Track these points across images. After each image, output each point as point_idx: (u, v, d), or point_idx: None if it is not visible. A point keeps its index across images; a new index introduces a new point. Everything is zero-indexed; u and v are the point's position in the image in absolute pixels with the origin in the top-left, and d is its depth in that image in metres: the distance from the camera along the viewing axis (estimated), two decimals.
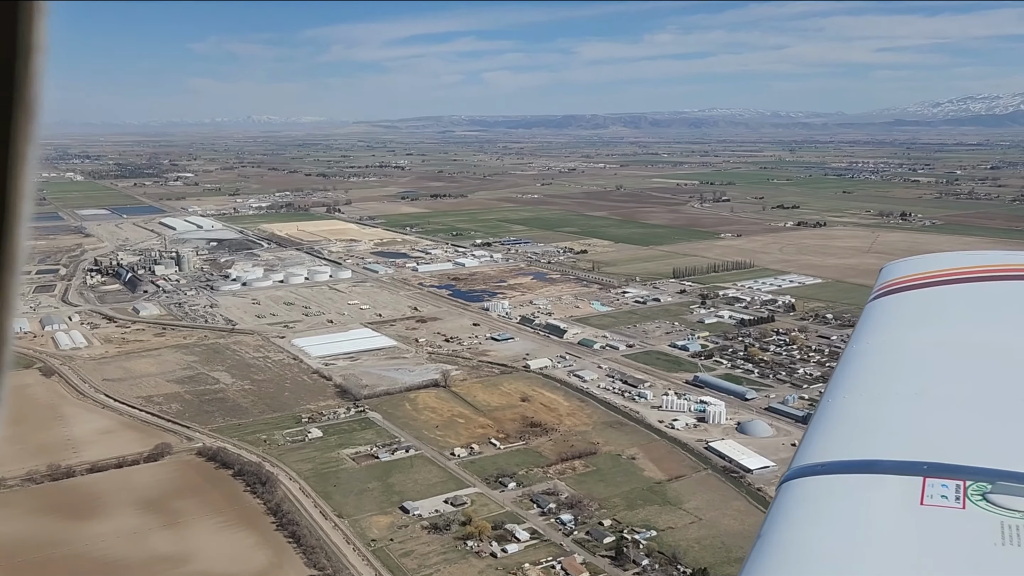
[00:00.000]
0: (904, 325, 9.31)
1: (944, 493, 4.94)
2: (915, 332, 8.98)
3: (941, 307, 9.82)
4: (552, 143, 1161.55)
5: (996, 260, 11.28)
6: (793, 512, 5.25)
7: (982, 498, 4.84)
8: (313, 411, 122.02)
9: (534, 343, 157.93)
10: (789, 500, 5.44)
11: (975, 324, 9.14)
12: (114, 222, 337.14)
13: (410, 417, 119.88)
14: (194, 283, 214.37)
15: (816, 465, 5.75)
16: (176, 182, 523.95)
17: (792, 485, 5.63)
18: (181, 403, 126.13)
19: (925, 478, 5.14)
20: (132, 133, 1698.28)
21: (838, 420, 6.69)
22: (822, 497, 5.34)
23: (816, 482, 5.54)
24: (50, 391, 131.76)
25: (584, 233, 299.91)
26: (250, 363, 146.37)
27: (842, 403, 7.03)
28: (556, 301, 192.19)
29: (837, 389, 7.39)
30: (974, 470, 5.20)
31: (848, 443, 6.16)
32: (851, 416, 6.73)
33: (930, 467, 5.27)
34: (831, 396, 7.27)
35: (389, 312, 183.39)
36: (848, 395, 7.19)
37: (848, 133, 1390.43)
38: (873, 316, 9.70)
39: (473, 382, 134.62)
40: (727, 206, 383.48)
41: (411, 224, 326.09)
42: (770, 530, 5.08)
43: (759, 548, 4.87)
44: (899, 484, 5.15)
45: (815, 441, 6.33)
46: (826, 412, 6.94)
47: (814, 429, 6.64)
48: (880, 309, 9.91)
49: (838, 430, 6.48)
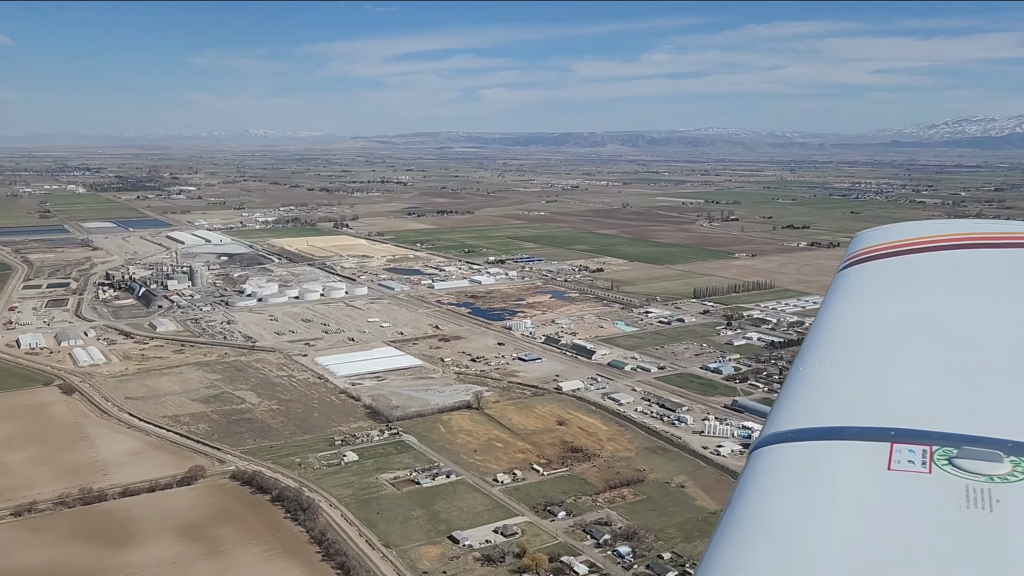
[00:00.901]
0: (874, 293, 9.23)
1: (911, 458, 5.01)
2: (884, 300, 8.94)
3: (911, 275, 9.79)
4: (551, 160, 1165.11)
5: (966, 229, 11.14)
6: (763, 479, 5.27)
7: (948, 463, 4.92)
8: (345, 433, 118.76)
9: (562, 364, 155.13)
10: (759, 467, 5.42)
11: (944, 292, 9.09)
12: (121, 235, 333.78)
13: (446, 440, 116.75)
14: (208, 298, 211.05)
15: (786, 432, 5.73)
16: (179, 195, 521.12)
17: (762, 452, 5.59)
18: (209, 423, 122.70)
19: (892, 444, 5.18)
20: (130, 146, 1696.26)
21: (807, 388, 6.64)
22: (791, 464, 5.36)
23: (785, 449, 5.53)
24: (72, 409, 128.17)
25: (596, 251, 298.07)
26: (275, 382, 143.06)
27: (811, 371, 6.98)
28: (579, 320, 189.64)
29: (807, 357, 7.35)
30: (940, 435, 5.26)
31: (817, 411, 6.12)
32: (820, 384, 6.71)
33: (897, 433, 5.32)
34: (801, 364, 7.22)
35: (410, 330, 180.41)
36: (817, 363, 7.14)
37: (845, 153, 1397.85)
38: (844, 285, 9.60)
39: (506, 404, 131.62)
40: (736, 225, 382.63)
41: (421, 240, 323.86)
42: (740, 497, 5.08)
43: (729, 515, 4.90)
44: (867, 450, 5.19)
45: (785, 409, 6.25)
46: (796, 380, 6.86)
47: (784, 397, 6.57)
48: (851, 277, 9.83)
49: (807, 398, 6.43)
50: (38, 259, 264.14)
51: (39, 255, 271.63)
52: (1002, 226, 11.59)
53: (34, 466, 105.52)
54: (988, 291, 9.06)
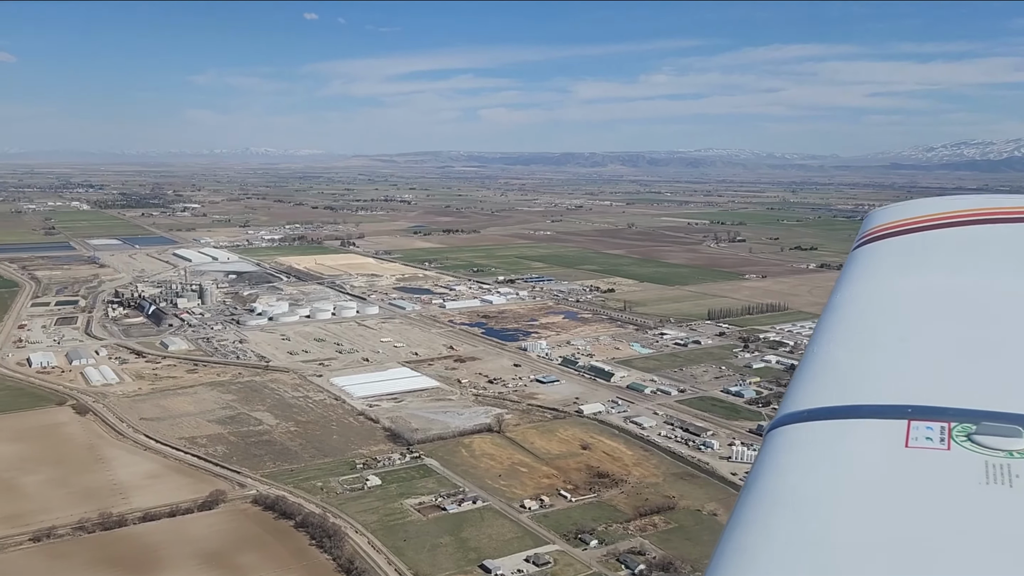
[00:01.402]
0: (888, 271, 9.04)
1: (929, 435, 4.93)
2: (899, 277, 8.74)
3: (926, 252, 9.62)
4: (552, 180, 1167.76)
5: (981, 204, 10.88)
6: (779, 459, 5.19)
7: (967, 439, 4.86)
8: (366, 456, 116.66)
9: (581, 386, 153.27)
10: (775, 447, 5.36)
11: (960, 268, 8.84)
12: (127, 252, 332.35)
13: (469, 464, 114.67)
14: (219, 317, 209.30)
15: (801, 412, 5.64)
16: (184, 213, 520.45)
17: (778, 433, 5.51)
18: (226, 445, 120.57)
19: (910, 421, 5.09)
20: (132, 163, 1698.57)
21: (822, 367, 6.53)
22: (807, 443, 5.28)
23: (801, 428, 5.46)
24: (87, 430, 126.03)
25: (605, 271, 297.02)
26: (291, 403, 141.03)
27: (826, 350, 6.87)
28: (594, 342, 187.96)
29: (821, 337, 7.21)
30: (959, 411, 5.17)
31: (832, 389, 6.01)
32: (835, 363, 6.60)
33: (914, 410, 5.22)
34: (816, 344, 7.06)
35: (425, 351, 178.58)
36: (832, 342, 7.04)
37: (845, 175, 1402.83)
38: (857, 263, 9.47)
39: (527, 427, 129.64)
40: (743, 246, 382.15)
41: (428, 259, 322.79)
42: (756, 478, 4.99)
43: (745, 496, 4.84)
44: (884, 428, 5.11)
45: (800, 389, 6.16)
46: (811, 360, 6.72)
47: (799, 377, 6.46)
48: (865, 256, 9.68)
49: (822, 377, 6.33)
50: (45, 276, 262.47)
51: (46, 272, 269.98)
52: (1020, 200, 11.16)
53: (51, 489, 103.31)
54: (1006, 266, 8.83)
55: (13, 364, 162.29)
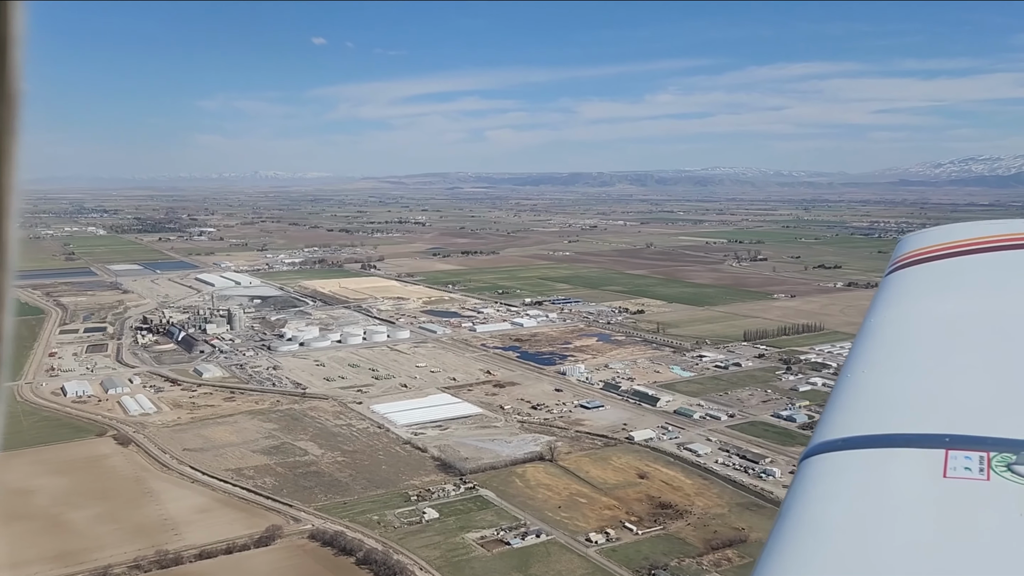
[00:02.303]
0: (923, 296, 8.86)
1: (968, 465, 4.83)
2: (934, 303, 8.57)
3: (960, 277, 9.37)
4: (562, 200, 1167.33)
5: (1015, 228, 10.46)
6: (814, 488, 5.14)
7: (1007, 469, 4.74)
8: (419, 487, 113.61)
9: (627, 411, 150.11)
10: (810, 476, 5.31)
11: (996, 293, 8.62)
12: (149, 278, 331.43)
13: (525, 495, 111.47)
14: (249, 343, 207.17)
15: (836, 441, 5.56)
16: (200, 237, 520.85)
17: (813, 461, 5.47)
18: (274, 477, 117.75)
19: (947, 450, 5.01)
20: (143, 187, 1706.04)
21: (857, 395, 6.39)
22: (843, 472, 5.22)
23: (836, 457, 5.38)
24: (131, 462, 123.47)
25: (630, 292, 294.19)
26: (334, 432, 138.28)
27: (861, 377, 6.70)
28: (632, 365, 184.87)
29: (855, 363, 7.03)
30: (998, 441, 5.06)
31: (868, 417, 5.92)
32: (870, 390, 6.45)
33: (952, 439, 5.14)
34: (849, 371, 6.91)
35: (462, 376, 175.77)
36: (867, 369, 6.85)
37: (854, 192, 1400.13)
38: (891, 288, 9.24)
39: (579, 455, 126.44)
40: (765, 265, 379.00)
41: (451, 281, 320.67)
42: (791, 507, 4.95)
43: (780, 525, 4.78)
44: (921, 457, 5.03)
45: (835, 417, 6.08)
46: (845, 387, 6.61)
47: (833, 404, 6.35)
48: (898, 281, 9.43)
49: (857, 405, 6.22)
50: (71, 303, 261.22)
51: (71, 298, 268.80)
52: None
53: (101, 525, 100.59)
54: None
55: (48, 394, 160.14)
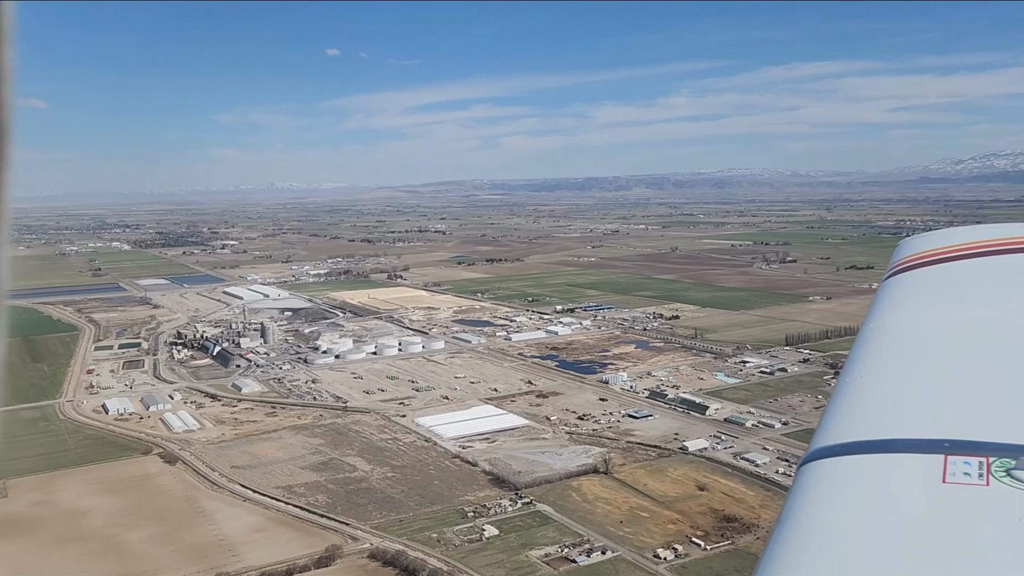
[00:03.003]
0: (921, 301, 8.83)
1: (967, 470, 4.85)
2: (932, 308, 8.55)
3: (958, 281, 9.32)
4: (580, 205, 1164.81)
5: (1013, 232, 10.39)
6: (812, 494, 5.14)
7: (1006, 474, 4.77)
8: (474, 503, 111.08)
9: (676, 420, 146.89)
10: (808, 482, 5.32)
11: (994, 297, 8.59)
12: (177, 292, 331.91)
13: (584, 510, 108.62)
14: (284, 356, 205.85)
15: (835, 446, 5.58)
16: (224, 250, 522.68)
17: (811, 467, 5.48)
18: (326, 494, 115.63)
19: (946, 456, 5.03)
20: (161, 202, 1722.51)
21: (855, 400, 6.39)
22: (841, 478, 5.24)
23: (835, 463, 5.40)
24: (180, 481, 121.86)
25: (661, 297, 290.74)
26: (380, 446, 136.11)
27: (859, 383, 6.67)
28: (674, 372, 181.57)
29: (854, 368, 7.00)
30: (997, 446, 5.08)
31: (866, 423, 5.94)
32: (868, 395, 6.46)
33: (951, 444, 5.16)
34: (848, 376, 6.87)
35: (503, 386, 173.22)
36: (865, 374, 6.82)
37: (875, 191, 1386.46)
38: (889, 293, 9.17)
39: (634, 467, 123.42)
40: (796, 267, 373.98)
41: (479, 290, 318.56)
42: (789, 513, 4.95)
43: (778, 532, 4.79)
44: (920, 462, 5.05)
45: (833, 422, 6.08)
46: (843, 392, 6.57)
47: (832, 410, 6.34)
48: (896, 286, 9.35)
49: (856, 410, 6.23)
50: (102, 319, 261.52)
51: (103, 315, 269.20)
52: None
53: (157, 546, 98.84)
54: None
55: (90, 411, 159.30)
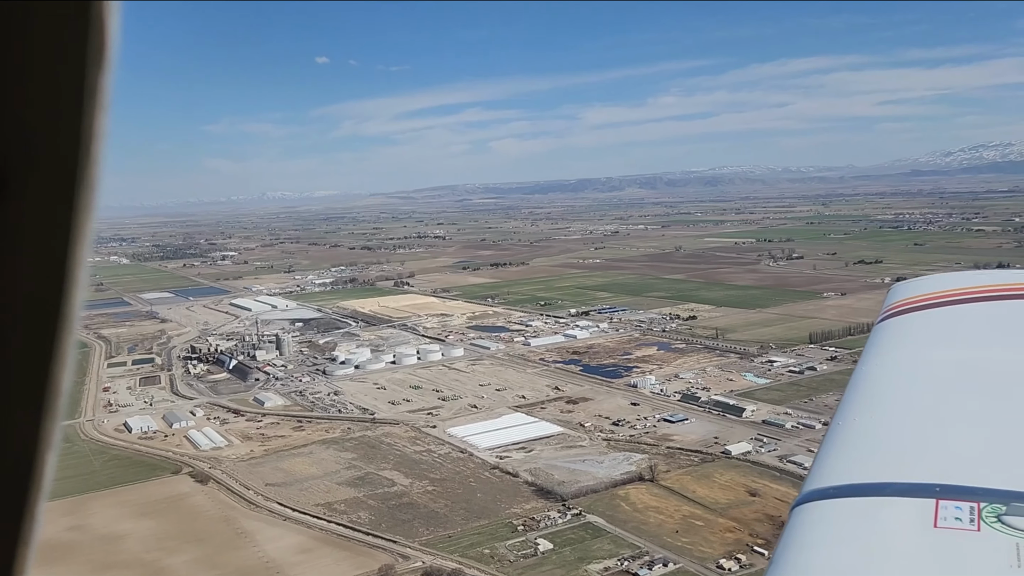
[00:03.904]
0: (914, 345, 8.86)
1: (958, 515, 4.86)
2: (925, 352, 8.57)
3: (952, 326, 9.37)
4: (575, 207, 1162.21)
5: (1010, 279, 10.61)
6: (804, 537, 5.16)
7: (997, 520, 4.78)
8: (522, 516, 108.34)
9: (713, 424, 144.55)
10: (800, 525, 5.33)
11: (988, 343, 8.65)
12: (183, 305, 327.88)
13: (637, 520, 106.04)
14: (302, 368, 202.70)
15: (827, 489, 5.62)
16: (224, 261, 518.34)
17: (803, 510, 5.51)
18: (368, 511, 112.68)
19: (938, 500, 5.07)
20: (153, 214, 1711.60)
21: (848, 443, 6.43)
22: (833, 521, 5.25)
23: (827, 506, 5.43)
24: (215, 501, 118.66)
25: (673, 297, 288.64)
26: (416, 459, 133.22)
27: (852, 425, 6.67)
28: (701, 373, 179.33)
29: (846, 411, 6.98)
30: (988, 491, 5.13)
31: (858, 466, 5.98)
32: (861, 438, 6.47)
33: (943, 489, 5.18)
34: (840, 418, 6.87)
35: (530, 393, 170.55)
36: (858, 417, 6.82)
37: (867, 185, 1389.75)
38: (882, 337, 9.16)
39: (679, 474, 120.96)
40: (804, 264, 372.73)
41: (488, 295, 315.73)
42: (781, 556, 4.96)
43: (771, 574, 4.81)
44: (911, 506, 5.08)
45: (826, 464, 6.13)
46: (836, 435, 6.59)
47: (824, 452, 6.39)
48: (889, 330, 9.33)
49: (848, 453, 6.27)
50: (112, 334, 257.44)
51: (111, 330, 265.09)
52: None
53: (203, 571, 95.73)
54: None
55: (111, 430, 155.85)
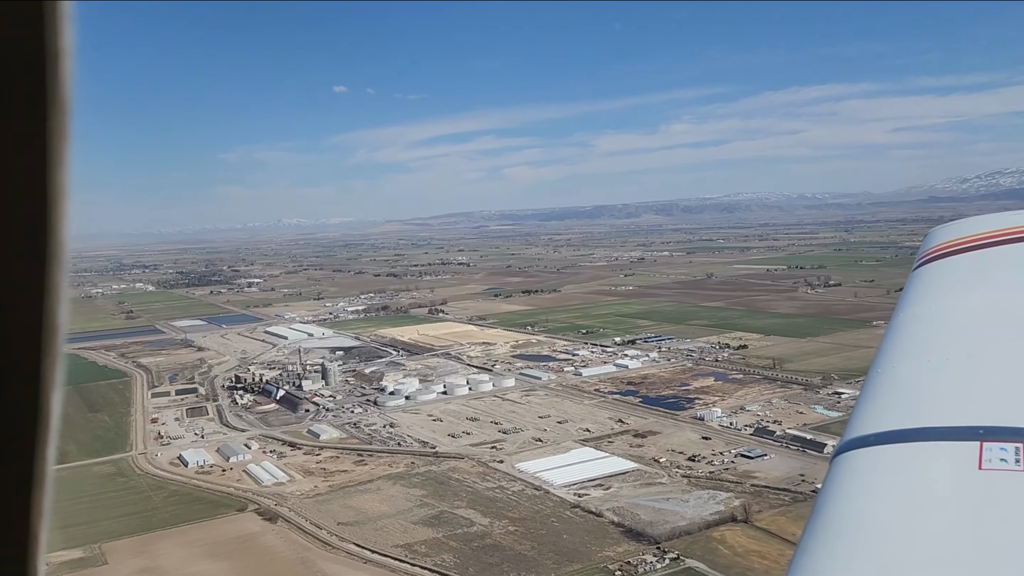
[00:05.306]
0: (952, 289, 8.55)
1: (1003, 456, 4.76)
2: (964, 295, 8.24)
3: (993, 268, 8.92)
4: (592, 234, 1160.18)
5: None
6: (847, 485, 5.10)
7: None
8: (616, 559, 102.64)
9: (793, 460, 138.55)
10: (842, 473, 5.27)
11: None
12: (217, 333, 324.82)
13: (740, 565, 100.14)
14: (350, 398, 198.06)
15: (868, 436, 5.50)
16: (251, 288, 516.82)
17: (845, 458, 5.43)
18: (451, 553, 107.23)
19: (982, 442, 4.92)
20: (171, 241, 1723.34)
21: (888, 389, 6.30)
22: (876, 468, 5.16)
23: (869, 453, 5.32)
24: (287, 541, 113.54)
25: (717, 326, 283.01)
26: (489, 496, 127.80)
27: (891, 372, 6.46)
28: (767, 406, 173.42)
29: (885, 358, 6.77)
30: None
31: (899, 412, 5.84)
32: (901, 384, 6.33)
33: (987, 431, 5.04)
34: (879, 366, 6.67)
35: (593, 426, 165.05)
36: (897, 364, 6.60)
37: (886, 212, 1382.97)
38: (919, 282, 8.94)
39: (772, 514, 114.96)
40: (843, 291, 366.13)
41: (527, 323, 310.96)
42: (824, 504, 4.91)
43: (813, 523, 4.77)
44: (955, 450, 4.96)
45: (866, 412, 6.02)
46: (875, 382, 6.40)
47: (864, 400, 6.27)
48: (927, 275, 9.15)
49: (888, 399, 6.15)
50: (150, 363, 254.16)
51: (149, 359, 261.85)
52: None
53: None
54: None
55: (166, 464, 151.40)
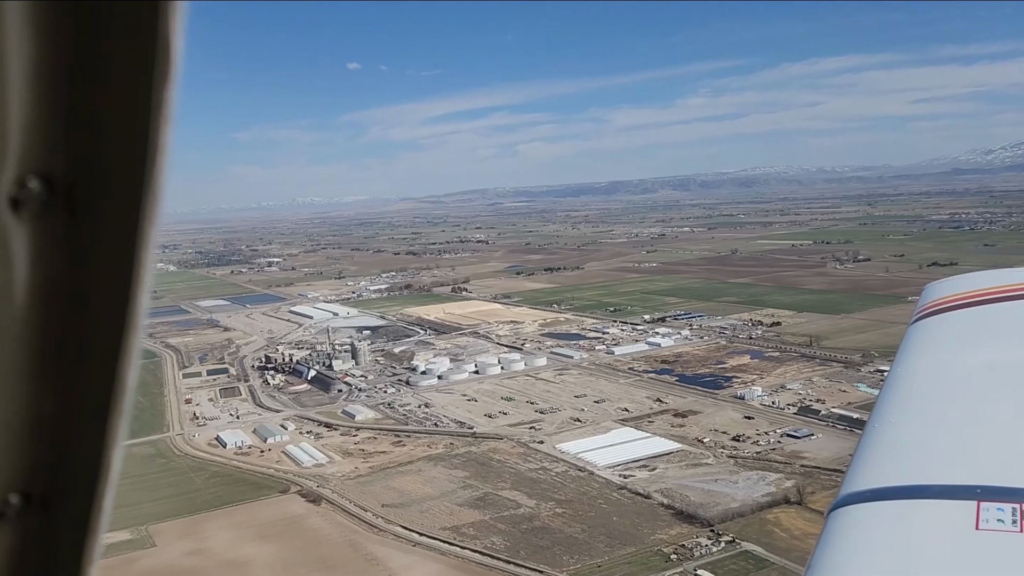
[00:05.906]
0: (950, 345, 8.54)
1: (1000, 517, 4.77)
2: (962, 352, 8.26)
3: (990, 326, 8.93)
4: (610, 209, 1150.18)
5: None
6: (841, 541, 5.06)
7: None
8: (669, 542, 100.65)
9: (840, 439, 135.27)
10: (837, 529, 5.24)
11: None
12: (242, 313, 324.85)
13: (799, 549, 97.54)
14: (382, 378, 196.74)
15: (864, 492, 5.51)
16: (271, 268, 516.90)
17: (840, 513, 5.42)
18: (500, 536, 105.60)
19: (979, 502, 4.97)
20: (187, 220, 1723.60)
21: (885, 445, 6.30)
22: (872, 525, 5.15)
23: (865, 509, 5.31)
24: (333, 523, 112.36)
25: (747, 302, 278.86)
26: (533, 477, 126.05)
27: (888, 428, 6.47)
28: (808, 384, 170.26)
29: (882, 413, 6.81)
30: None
31: (896, 468, 5.88)
32: (898, 440, 6.35)
33: (984, 490, 5.08)
34: (876, 421, 6.69)
35: (631, 405, 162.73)
36: (894, 419, 6.62)
37: (908, 185, 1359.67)
38: (917, 337, 8.92)
39: (826, 496, 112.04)
40: (873, 266, 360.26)
41: (552, 300, 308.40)
42: (819, 560, 4.89)
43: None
44: (952, 509, 4.99)
45: (862, 467, 6.03)
46: (872, 437, 6.41)
47: (860, 455, 6.25)
48: (924, 330, 9.14)
49: (885, 455, 6.16)
50: (179, 343, 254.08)
51: (177, 339, 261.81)
52: None
53: None
54: None
55: (204, 445, 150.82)
